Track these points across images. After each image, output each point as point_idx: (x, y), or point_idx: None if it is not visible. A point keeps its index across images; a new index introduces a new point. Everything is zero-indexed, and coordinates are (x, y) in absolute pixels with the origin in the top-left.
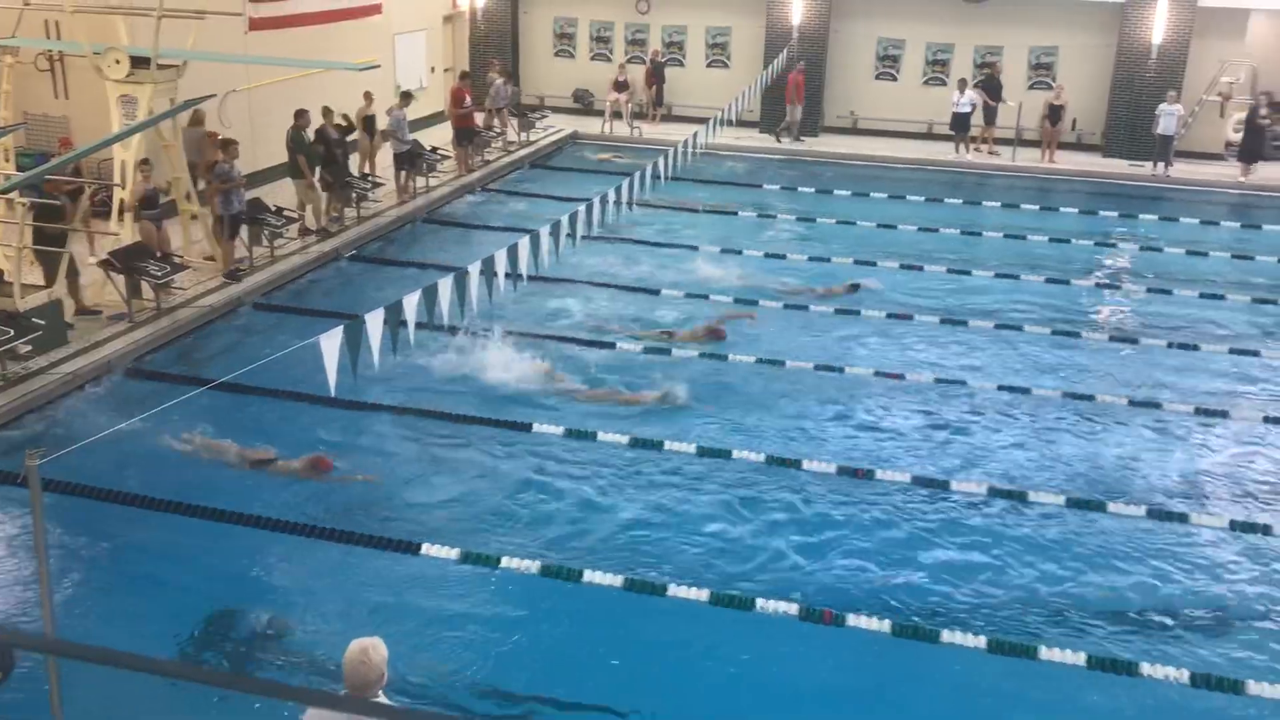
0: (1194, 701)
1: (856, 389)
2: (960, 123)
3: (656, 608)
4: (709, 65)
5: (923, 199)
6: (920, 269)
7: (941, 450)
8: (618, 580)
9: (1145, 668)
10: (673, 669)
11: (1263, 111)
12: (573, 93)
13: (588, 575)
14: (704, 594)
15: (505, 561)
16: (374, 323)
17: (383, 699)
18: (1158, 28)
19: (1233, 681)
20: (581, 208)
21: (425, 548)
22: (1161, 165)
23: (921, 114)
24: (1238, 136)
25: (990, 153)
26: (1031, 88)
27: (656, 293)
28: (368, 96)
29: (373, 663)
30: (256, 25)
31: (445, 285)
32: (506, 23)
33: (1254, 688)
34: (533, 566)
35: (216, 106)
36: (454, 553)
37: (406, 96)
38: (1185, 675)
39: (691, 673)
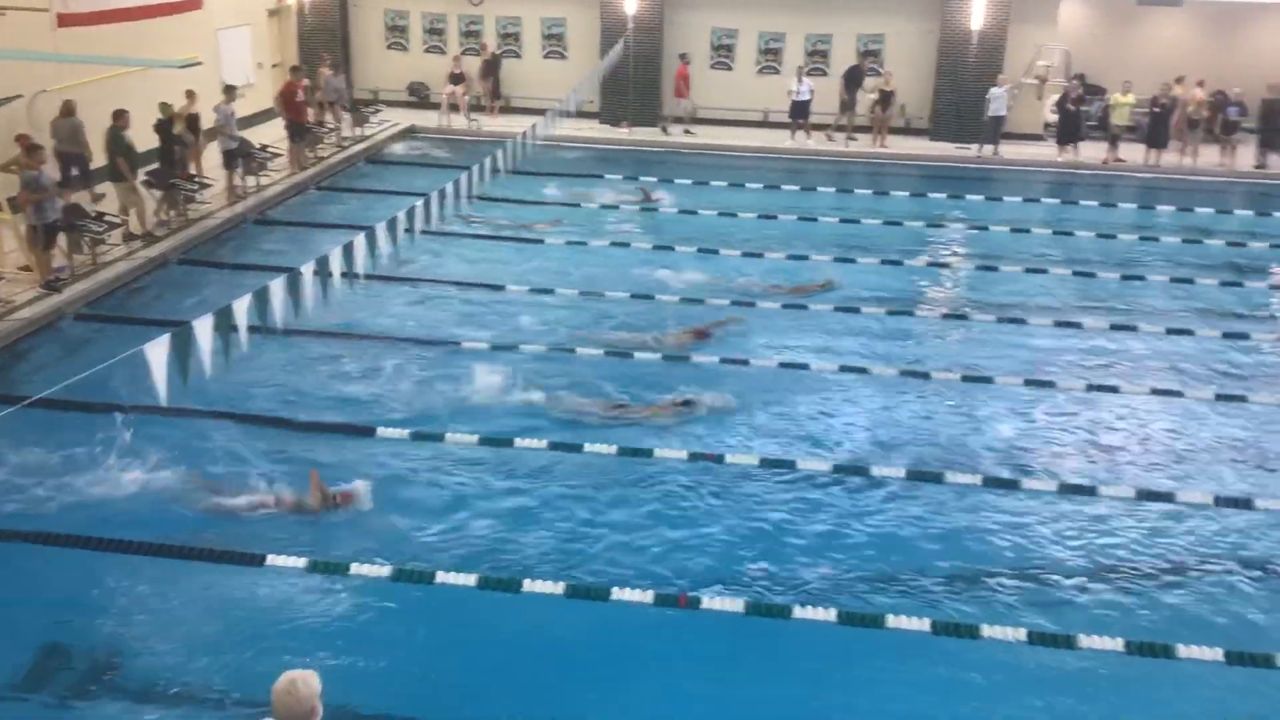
0: (1031, 658)
1: (701, 376)
2: (800, 110)
3: (511, 604)
4: (546, 56)
5: (761, 186)
6: (760, 255)
7: (787, 431)
8: (471, 579)
9: (985, 629)
10: (530, 665)
11: (1076, 94)
12: (407, 86)
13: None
14: (559, 587)
15: (355, 568)
16: (204, 329)
17: None
18: (977, 14)
19: (1066, 637)
20: (419, 203)
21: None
22: (990, 147)
23: (757, 102)
24: (1055, 117)
25: (849, 139)
26: (867, 73)
27: (501, 288)
28: (190, 95)
29: (300, 696)
30: (66, 21)
31: (278, 287)
32: (335, 16)
33: (1084, 640)
34: (384, 570)
35: (25, 108)
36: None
37: (230, 90)
38: (1023, 634)
39: (553, 667)
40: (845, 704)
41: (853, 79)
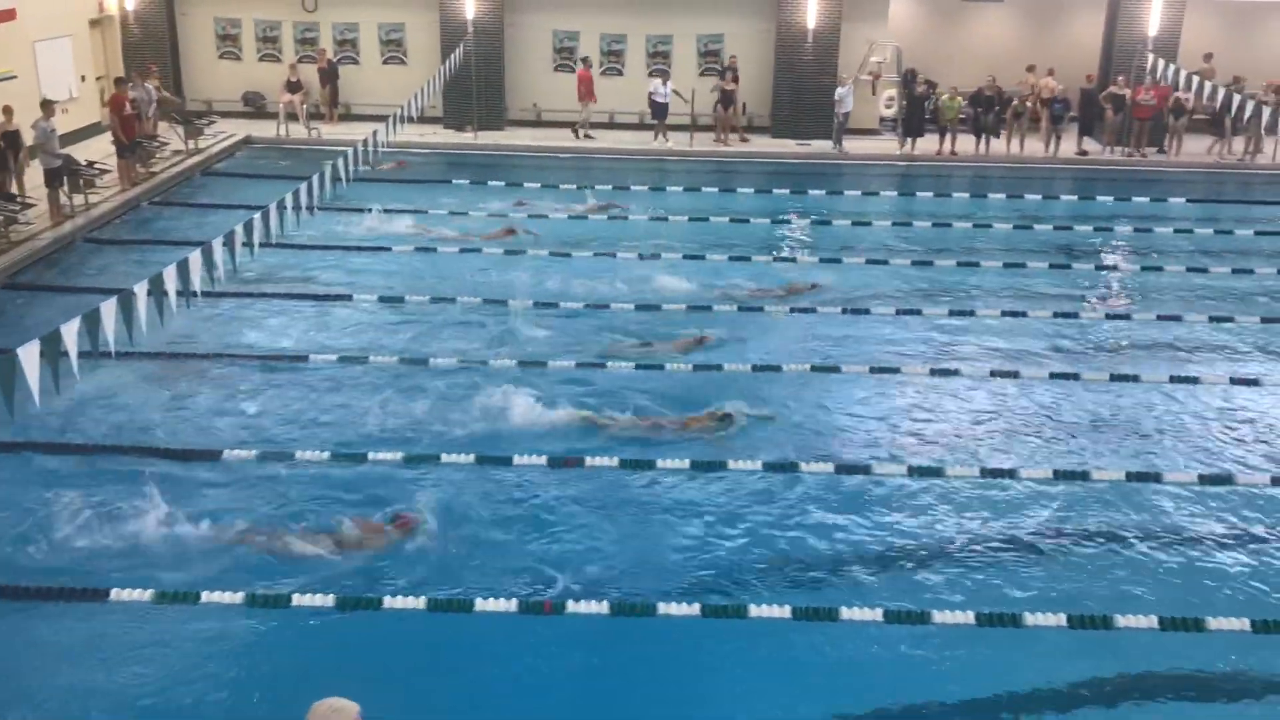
0: (887, 636)
1: (550, 380)
2: (660, 111)
3: (377, 622)
4: (385, 62)
5: (610, 187)
6: (613, 255)
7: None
8: (329, 600)
9: (845, 611)
10: (403, 681)
11: (921, 89)
12: (242, 96)
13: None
14: (420, 602)
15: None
16: (29, 356)
17: None
18: (811, 13)
19: (920, 613)
20: (258, 215)
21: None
22: (839, 144)
23: (602, 104)
24: (890, 112)
25: (742, 139)
26: (703, 74)
27: (349, 298)
28: (7, 111)
29: None
30: None
31: (109, 309)
32: (162, 25)
33: (939, 616)
34: (236, 598)
35: None
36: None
37: (48, 105)
38: (879, 614)
39: (423, 682)
40: (710, 693)
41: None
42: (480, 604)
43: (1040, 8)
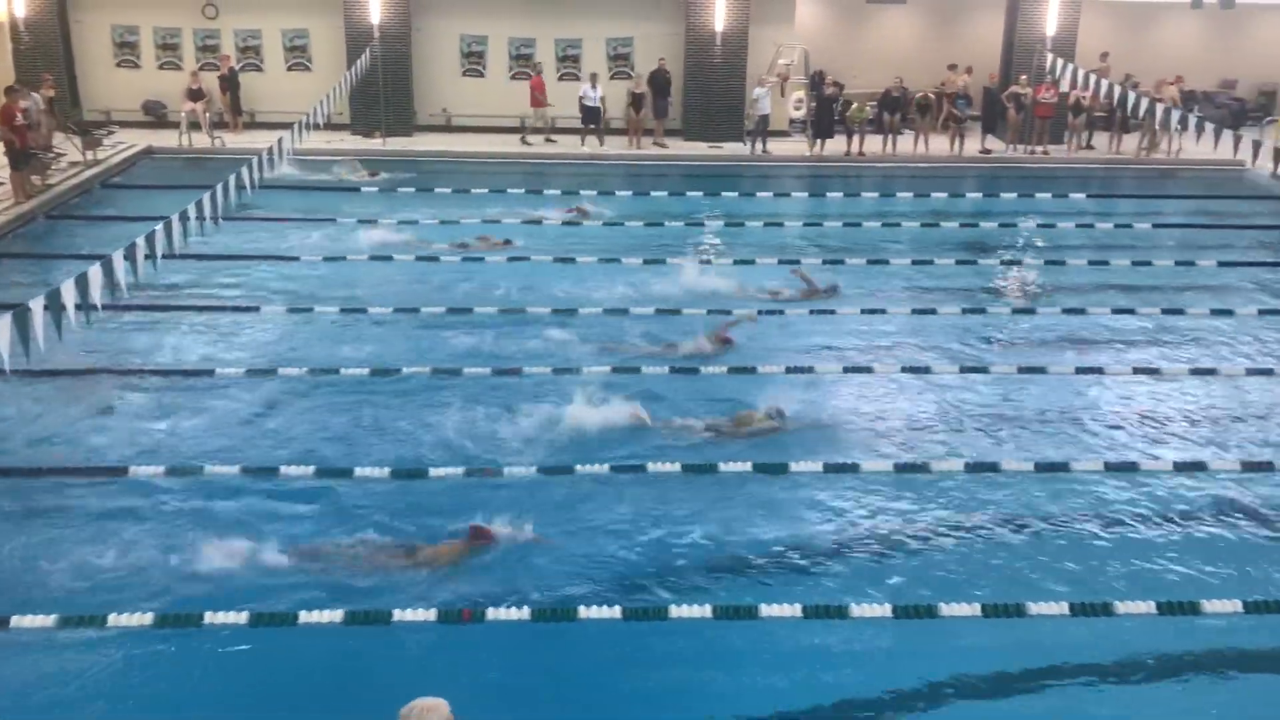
0: (803, 633)
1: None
2: (591, 115)
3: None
4: (290, 69)
5: (523, 191)
6: (527, 259)
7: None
8: (242, 618)
9: (764, 608)
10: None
11: (830, 90)
12: (142, 105)
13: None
14: (338, 615)
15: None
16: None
17: None
18: (719, 16)
19: (838, 608)
20: (159, 226)
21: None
22: (760, 145)
23: (513, 109)
24: (799, 114)
25: (656, 143)
26: (613, 78)
27: (256, 309)
28: None
29: None
30: None
31: (3, 326)
32: (55, 33)
33: (856, 610)
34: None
35: None
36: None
37: None
38: (798, 609)
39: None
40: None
41: (658, 83)
42: (398, 614)
43: (942, 9)
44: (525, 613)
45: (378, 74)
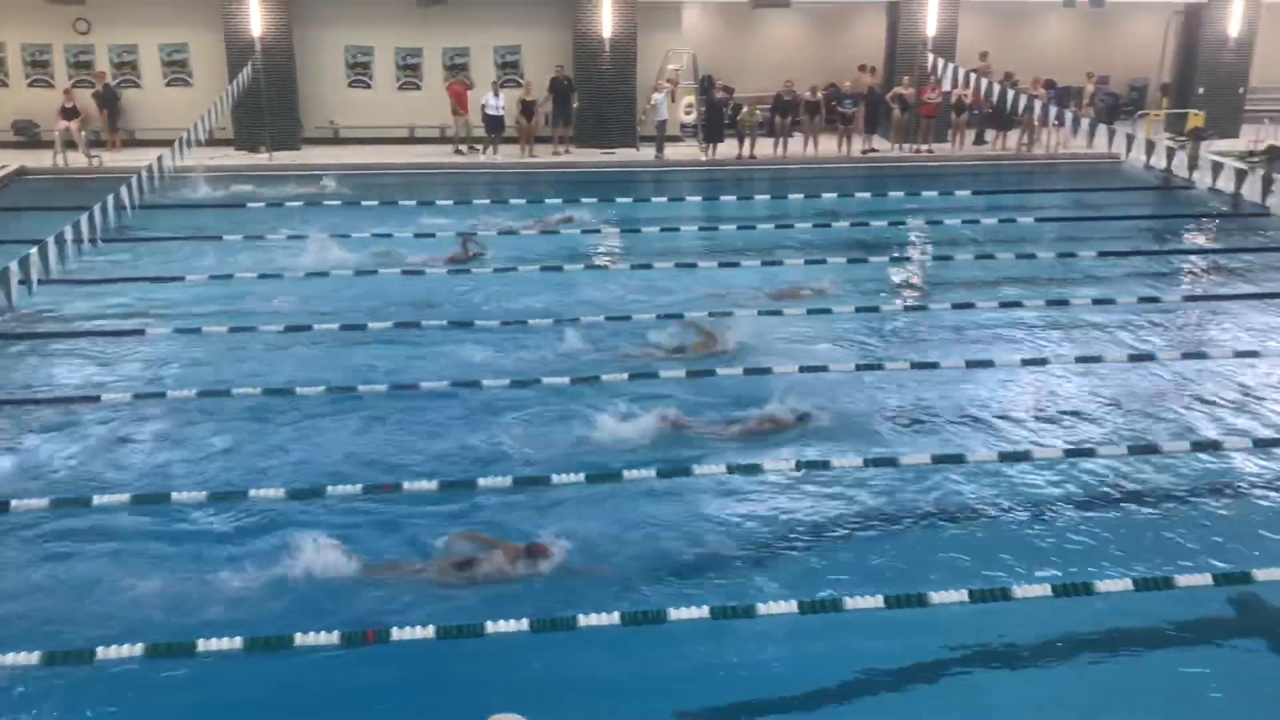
0: (714, 632)
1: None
2: (494, 124)
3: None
4: (169, 84)
5: (415, 203)
6: (422, 272)
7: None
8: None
9: (673, 612)
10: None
11: (720, 95)
12: (12, 124)
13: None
14: (238, 642)
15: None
16: None
17: None
18: (606, 23)
19: (745, 608)
20: (34, 250)
21: None
22: (660, 150)
23: (401, 119)
24: (690, 118)
25: (555, 151)
26: (503, 86)
27: (141, 333)
28: None
29: None
30: None
31: None
32: None
33: (763, 608)
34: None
35: None
36: None
37: None
38: (705, 611)
39: None
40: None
41: (559, 91)
42: (300, 638)
43: (827, 13)
44: (430, 631)
45: (261, 87)
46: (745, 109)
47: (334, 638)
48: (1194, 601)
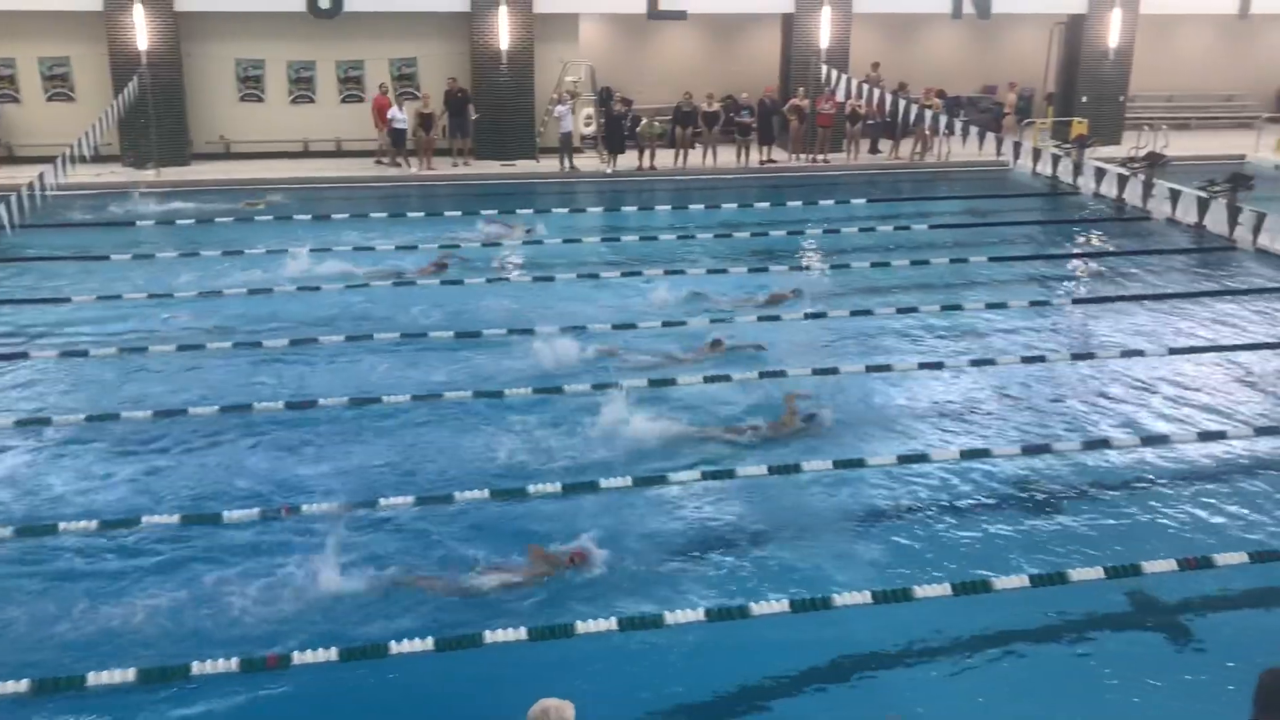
0: (624, 642)
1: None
2: (399, 138)
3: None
4: (50, 99)
5: (310, 218)
6: (318, 289)
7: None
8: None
9: (580, 625)
10: None
11: (619, 107)
12: None
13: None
14: (130, 675)
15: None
16: None
17: None
18: (503, 35)
19: (654, 617)
20: None
21: None
22: (567, 161)
23: (295, 133)
24: (589, 130)
25: (454, 163)
26: (399, 98)
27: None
28: None
29: None
30: None
31: None
32: None
33: (670, 617)
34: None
35: None
36: None
37: None
38: (614, 623)
39: None
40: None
41: (454, 103)
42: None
43: (723, 25)
44: (333, 653)
45: (148, 102)
46: (645, 120)
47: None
48: (1088, 595)
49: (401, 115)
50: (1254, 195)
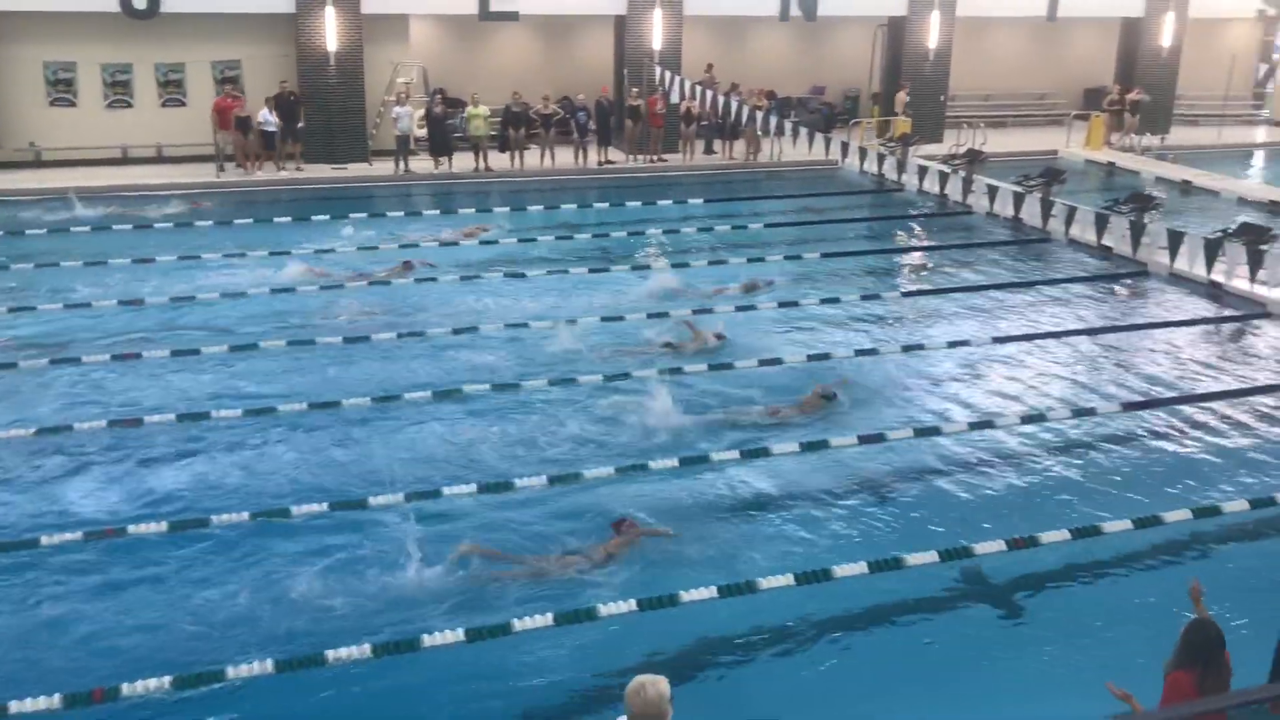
0: (472, 656)
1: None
2: (271, 140)
3: None
4: None
5: (131, 228)
6: (193, 298)
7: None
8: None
9: (426, 639)
10: None
11: (439, 109)
12: None
13: None
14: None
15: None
16: None
17: None
18: (330, 36)
19: (502, 625)
20: None
21: None
22: (403, 164)
23: (113, 139)
24: (421, 132)
25: (281, 167)
26: (226, 100)
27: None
28: None
29: (649, 698)
30: None
31: None
32: None
33: (518, 624)
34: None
35: None
36: None
37: None
38: (461, 634)
39: None
40: None
41: (283, 107)
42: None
43: (556, 25)
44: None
45: None
46: (469, 111)
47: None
48: (924, 578)
49: (271, 117)
50: (1066, 189)
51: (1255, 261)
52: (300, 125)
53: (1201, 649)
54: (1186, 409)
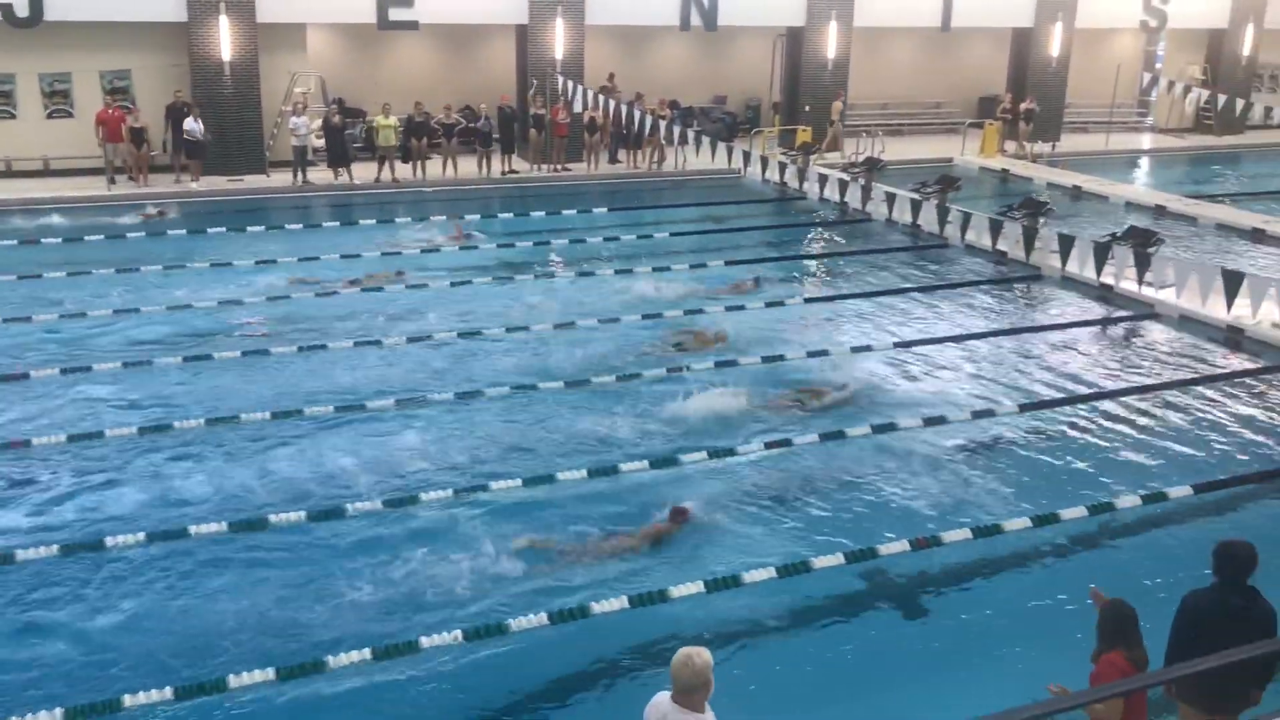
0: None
1: None
2: (199, 150)
3: None
4: None
5: (16, 243)
6: (85, 314)
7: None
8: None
9: (331, 660)
10: None
11: (335, 119)
12: None
13: None
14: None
15: None
16: None
17: (709, 713)
18: (224, 45)
19: (409, 644)
20: None
21: None
22: (301, 175)
23: None
24: (320, 143)
25: (188, 180)
26: (111, 111)
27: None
28: None
29: (695, 668)
30: None
31: None
32: None
33: (426, 641)
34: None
35: None
36: None
37: None
38: (367, 653)
39: None
40: None
41: (177, 117)
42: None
43: (458, 35)
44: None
45: None
46: (376, 120)
47: None
48: (830, 579)
49: (198, 126)
50: (961, 195)
51: (1143, 264)
52: (200, 137)
53: (1120, 624)
54: (1081, 408)
